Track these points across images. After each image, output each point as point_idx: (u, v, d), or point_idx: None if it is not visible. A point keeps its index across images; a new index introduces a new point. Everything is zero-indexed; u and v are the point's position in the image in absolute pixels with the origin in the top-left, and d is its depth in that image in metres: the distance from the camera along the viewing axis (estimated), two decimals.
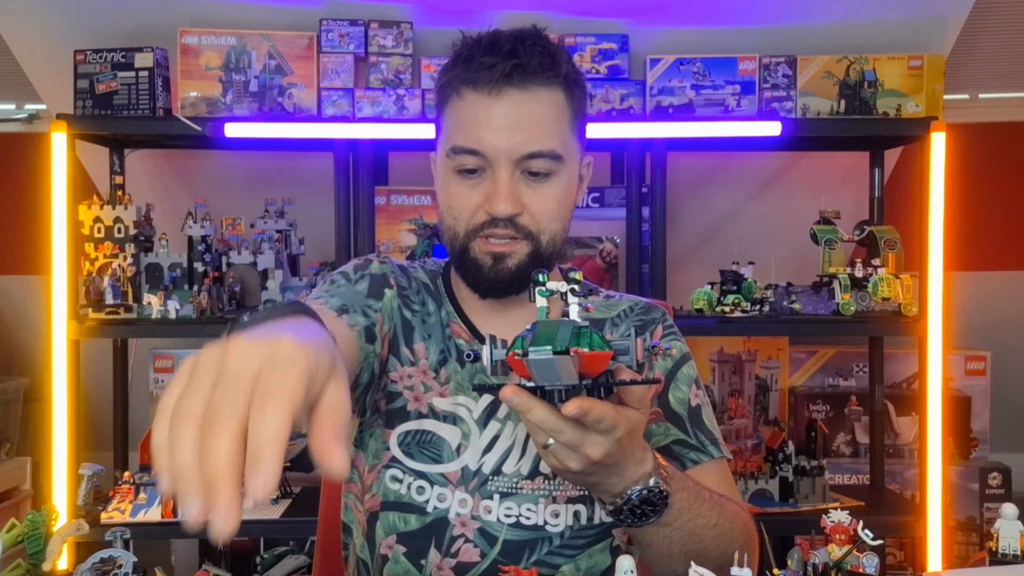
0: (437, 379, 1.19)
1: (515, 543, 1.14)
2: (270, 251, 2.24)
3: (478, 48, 1.12)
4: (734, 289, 2.20)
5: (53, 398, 2.15)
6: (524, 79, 1.10)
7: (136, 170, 2.53)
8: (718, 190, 2.73)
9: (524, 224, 1.13)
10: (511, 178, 1.12)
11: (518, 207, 1.12)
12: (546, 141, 1.11)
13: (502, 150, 1.10)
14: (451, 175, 1.15)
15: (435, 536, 1.15)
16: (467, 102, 1.12)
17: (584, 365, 0.79)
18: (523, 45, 1.11)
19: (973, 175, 2.69)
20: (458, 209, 1.15)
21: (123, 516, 2.10)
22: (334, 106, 2.23)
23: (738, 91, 2.27)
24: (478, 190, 1.13)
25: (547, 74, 1.11)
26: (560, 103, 1.13)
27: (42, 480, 2.75)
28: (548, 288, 0.83)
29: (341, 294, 1.15)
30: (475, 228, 1.14)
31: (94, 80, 2.19)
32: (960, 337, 2.74)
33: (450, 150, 1.14)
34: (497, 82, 1.09)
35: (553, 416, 0.84)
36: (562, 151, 1.13)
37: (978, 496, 2.62)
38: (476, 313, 1.22)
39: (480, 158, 1.11)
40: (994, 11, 2.59)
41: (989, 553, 1.03)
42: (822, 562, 0.94)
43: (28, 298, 2.98)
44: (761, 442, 2.54)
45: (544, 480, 1.15)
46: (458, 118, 1.14)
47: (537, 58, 1.11)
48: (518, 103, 1.11)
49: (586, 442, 0.85)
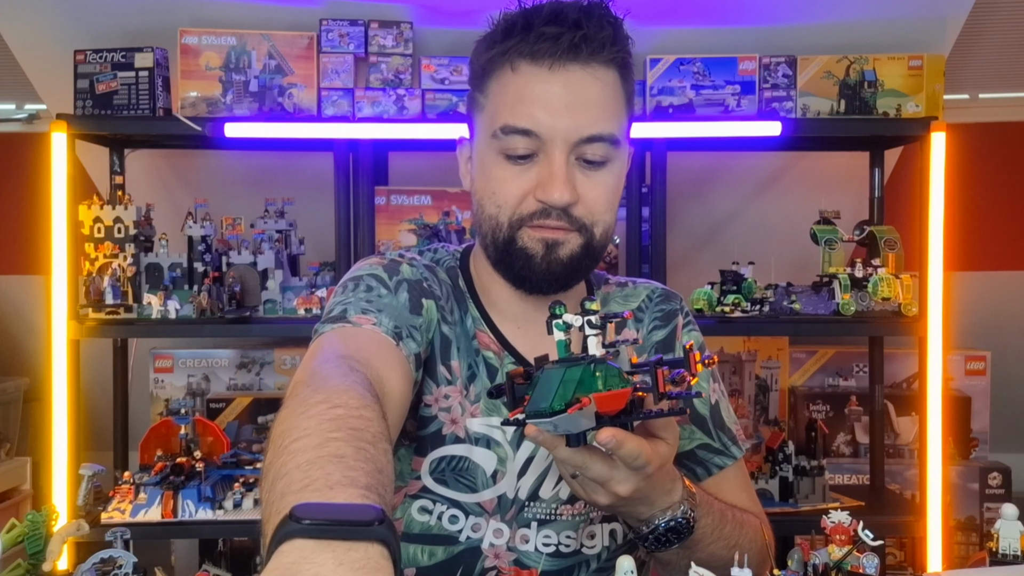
0: (467, 397, 1.07)
1: (553, 573, 1.08)
2: (270, 251, 2.24)
3: (537, 17, 1.00)
4: (734, 289, 2.20)
5: (53, 398, 2.15)
6: (590, 54, 0.99)
7: (136, 170, 2.53)
8: (718, 190, 2.73)
9: (578, 215, 1.02)
10: (567, 163, 1.00)
11: (574, 195, 1.01)
12: (606, 123, 1.01)
13: (559, 131, 0.99)
14: (495, 158, 1.03)
15: (463, 566, 1.07)
16: (522, 76, 1.00)
17: (602, 406, 0.78)
18: (588, 16, 1.00)
19: (973, 175, 2.69)
20: (503, 196, 1.03)
21: (123, 516, 2.10)
22: (334, 106, 2.23)
23: (738, 91, 2.27)
24: (528, 175, 1.02)
25: (611, 51, 1.01)
26: (618, 85, 1.04)
27: (42, 480, 2.75)
28: (564, 322, 0.81)
29: (389, 310, 1.00)
30: (523, 217, 1.02)
31: (94, 80, 2.19)
32: (960, 337, 2.74)
33: (499, 129, 1.01)
34: (561, 55, 0.98)
35: (579, 454, 0.82)
36: (619, 135, 1.04)
37: (978, 496, 2.62)
38: (504, 317, 1.11)
39: (534, 140, 1.00)
40: (994, 11, 2.59)
41: (989, 553, 1.03)
42: (822, 562, 0.94)
43: (28, 298, 2.98)
44: (761, 442, 2.54)
45: (584, 504, 1.08)
46: (510, 94, 1.01)
47: (604, 30, 1.00)
48: (579, 80, 1.00)
49: (614, 478, 0.84)
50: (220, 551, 2.55)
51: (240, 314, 2.19)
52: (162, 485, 2.09)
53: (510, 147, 1.01)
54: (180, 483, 2.10)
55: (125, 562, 1.07)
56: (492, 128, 1.03)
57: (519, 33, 1.00)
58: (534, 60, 0.99)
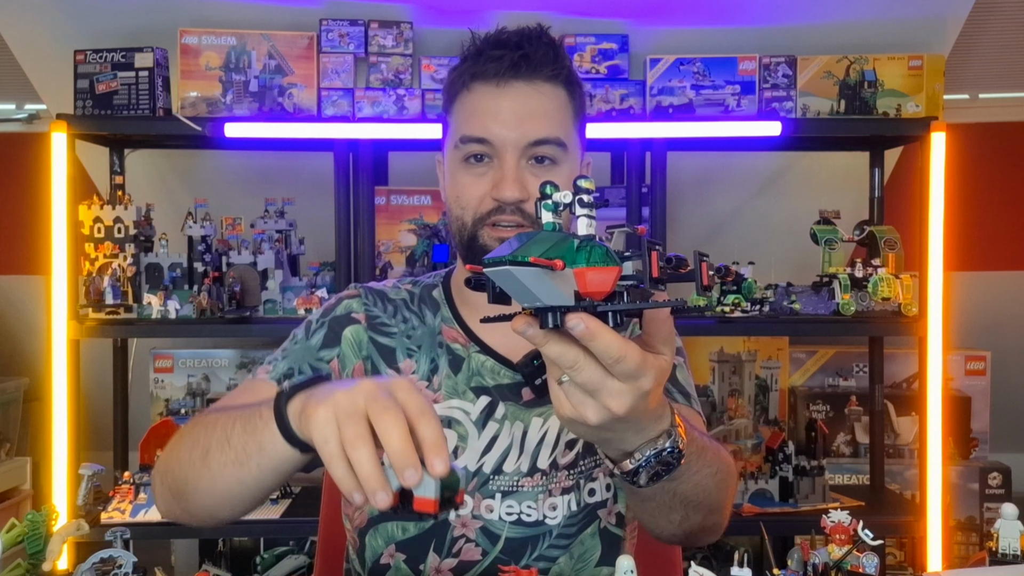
0: (430, 387, 1.20)
1: (517, 540, 1.16)
2: (270, 251, 2.24)
3: (486, 44, 1.17)
4: (734, 289, 2.20)
5: (53, 398, 2.15)
6: (530, 72, 1.14)
7: (136, 170, 2.53)
8: (718, 190, 2.73)
9: (530, 211, 1.14)
10: (517, 165, 1.15)
11: (524, 192, 1.14)
12: (551, 129, 1.15)
13: (509, 139, 1.14)
14: (459, 166, 1.18)
15: (435, 540, 1.16)
16: (475, 94, 1.16)
17: (584, 284, 0.67)
18: (529, 40, 1.15)
19: (973, 175, 2.69)
20: (466, 198, 1.17)
21: (123, 516, 2.10)
22: (334, 106, 2.24)
23: (738, 91, 2.27)
24: (485, 179, 1.16)
25: (552, 68, 1.15)
26: (563, 99, 1.18)
27: (42, 480, 2.76)
28: (553, 201, 0.71)
29: (294, 354, 1.21)
30: (483, 216, 1.16)
31: (94, 80, 2.19)
32: (960, 337, 2.74)
33: (459, 140, 1.17)
34: (504, 74, 1.14)
35: (571, 350, 0.73)
36: (566, 140, 1.16)
37: (978, 496, 2.62)
38: (476, 313, 1.23)
39: (487, 146, 1.15)
40: (994, 11, 2.59)
41: (989, 553, 1.03)
42: (822, 562, 0.94)
43: (28, 298, 2.98)
44: (761, 442, 2.54)
45: (542, 476, 1.17)
46: (467, 110, 1.17)
47: (542, 50, 1.15)
48: (525, 95, 1.15)
49: (607, 388, 0.74)
50: (220, 551, 2.55)
51: (240, 314, 2.19)
52: None
53: (469, 152, 1.17)
54: None
55: (125, 562, 1.07)
56: (455, 140, 1.18)
57: (472, 58, 1.18)
58: (484, 79, 1.16)
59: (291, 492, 2.31)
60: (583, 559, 1.17)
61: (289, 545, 2.49)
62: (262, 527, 2.19)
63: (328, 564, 1.39)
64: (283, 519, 2.17)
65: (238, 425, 0.90)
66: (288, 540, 2.49)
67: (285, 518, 2.17)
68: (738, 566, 0.86)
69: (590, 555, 1.17)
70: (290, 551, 2.47)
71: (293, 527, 2.18)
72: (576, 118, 1.20)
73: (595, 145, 2.46)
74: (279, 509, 2.20)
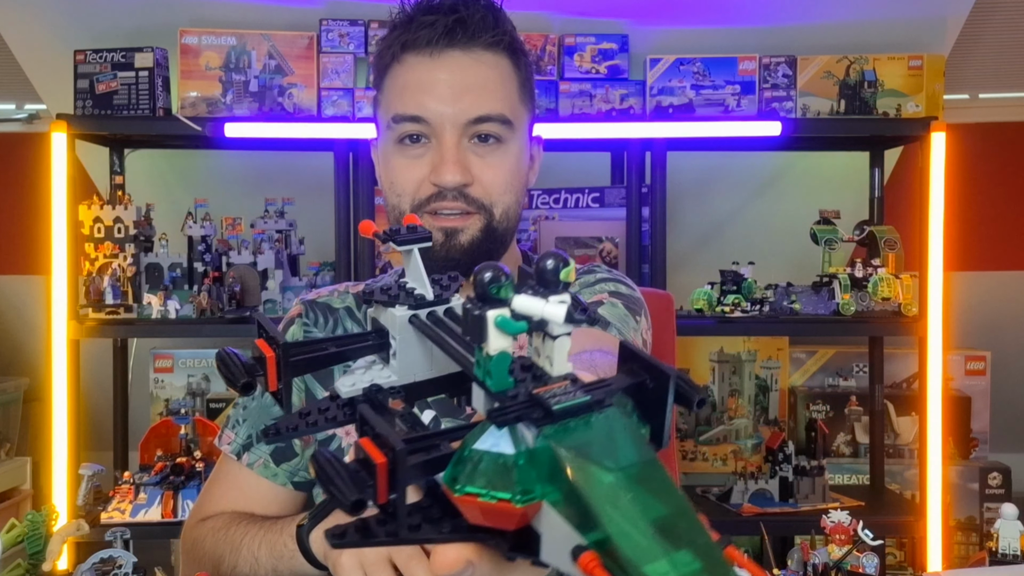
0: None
1: None
2: (270, 251, 2.24)
3: (417, 10, 1.05)
4: (734, 289, 2.20)
5: (53, 398, 2.15)
6: (468, 39, 1.02)
7: (136, 170, 2.53)
8: (718, 190, 2.73)
9: (475, 196, 1.04)
10: (458, 145, 1.03)
11: (467, 176, 1.03)
12: (495, 104, 1.04)
13: (447, 116, 1.02)
14: (393, 148, 1.06)
15: None
16: (407, 67, 1.04)
17: (478, 518, 0.38)
18: (464, 3, 1.03)
19: (973, 175, 2.69)
20: (401, 184, 1.05)
21: (123, 516, 2.10)
22: (334, 106, 2.24)
23: (738, 91, 2.27)
24: (423, 161, 1.04)
25: (491, 34, 1.03)
26: (506, 68, 1.06)
27: (42, 480, 2.75)
28: (516, 313, 0.38)
29: (252, 415, 1.13)
30: (421, 202, 1.04)
31: (94, 80, 2.19)
32: (960, 337, 2.74)
33: (391, 120, 1.05)
34: (438, 41, 1.02)
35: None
36: (512, 117, 1.05)
37: (978, 496, 2.62)
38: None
39: (424, 125, 1.03)
40: (994, 11, 2.59)
41: (989, 553, 1.03)
42: (822, 562, 0.94)
43: (28, 298, 2.97)
44: (761, 442, 2.54)
45: None
46: (398, 85, 1.05)
47: (480, 13, 1.03)
48: (463, 66, 1.03)
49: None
50: None
51: (240, 314, 2.19)
52: (162, 485, 2.09)
53: (403, 132, 1.04)
54: (180, 483, 2.10)
55: (125, 562, 1.07)
56: (387, 120, 1.06)
57: (401, 26, 1.05)
58: (416, 49, 1.03)
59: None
60: None
61: None
62: None
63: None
64: None
65: (263, 549, 0.96)
66: None
67: None
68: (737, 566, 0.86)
69: None
70: None
71: None
72: (523, 90, 1.08)
73: (595, 145, 2.46)
74: None
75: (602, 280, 1.14)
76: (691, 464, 2.57)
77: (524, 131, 1.09)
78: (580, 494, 0.34)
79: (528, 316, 0.38)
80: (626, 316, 1.07)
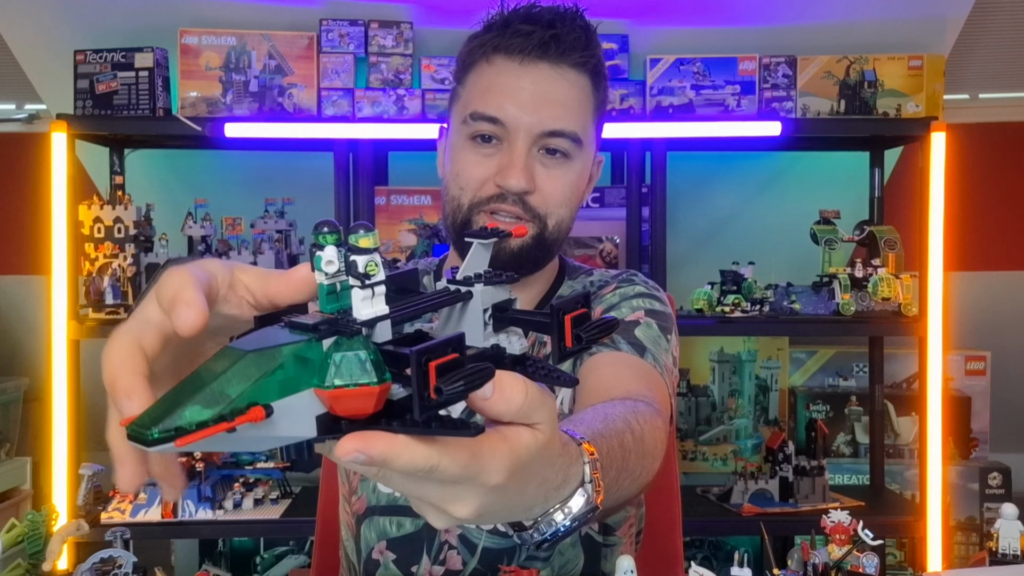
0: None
1: (493, 551, 1.11)
2: (270, 251, 2.24)
3: (515, 16, 1.08)
4: (734, 289, 2.20)
5: (53, 398, 2.15)
6: (558, 55, 1.06)
7: (136, 170, 2.53)
8: (718, 190, 2.73)
9: (533, 204, 1.07)
10: (528, 153, 1.07)
11: (531, 184, 1.06)
12: (570, 121, 1.07)
13: (523, 123, 1.06)
14: (464, 142, 1.09)
15: (426, 542, 1.12)
16: (495, 68, 1.07)
17: (336, 407, 0.45)
18: (562, 20, 1.07)
19: (973, 175, 2.69)
20: (466, 178, 1.08)
21: (123, 516, 2.10)
22: (334, 106, 2.23)
23: (738, 91, 2.27)
24: (491, 161, 1.08)
25: (581, 54, 1.07)
26: (587, 89, 1.10)
27: (42, 480, 2.75)
28: (325, 260, 0.50)
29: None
30: (481, 201, 1.08)
31: (94, 80, 2.19)
32: (960, 337, 2.74)
33: (468, 116, 1.08)
34: (531, 52, 1.05)
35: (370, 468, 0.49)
36: (582, 136, 1.09)
37: (978, 496, 2.62)
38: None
39: (499, 127, 1.06)
40: (994, 11, 2.59)
41: (989, 553, 1.03)
42: (822, 562, 0.94)
43: (28, 298, 2.97)
44: (761, 442, 2.54)
45: None
46: (482, 84, 1.08)
47: (575, 33, 1.07)
48: (548, 78, 1.06)
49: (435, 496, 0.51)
50: (220, 551, 2.55)
51: None
52: None
53: (478, 130, 1.07)
54: None
55: (125, 562, 1.07)
56: (464, 115, 1.09)
57: (497, 29, 1.08)
58: (507, 54, 1.06)
59: (291, 492, 2.31)
60: (564, 569, 1.12)
61: (289, 545, 2.49)
62: (262, 527, 2.19)
63: (324, 561, 1.39)
64: (283, 519, 2.17)
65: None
66: (288, 540, 2.49)
67: (285, 518, 2.17)
68: (738, 566, 0.86)
69: (572, 565, 1.12)
70: (290, 551, 2.47)
71: (293, 527, 2.18)
72: (596, 113, 1.13)
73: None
74: (279, 509, 2.20)
75: (640, 295, 1.16)
76: (691, 464, 2.57)
77: (590, 151, 1.13)
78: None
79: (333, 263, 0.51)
80: (659, 337, 1.09)
